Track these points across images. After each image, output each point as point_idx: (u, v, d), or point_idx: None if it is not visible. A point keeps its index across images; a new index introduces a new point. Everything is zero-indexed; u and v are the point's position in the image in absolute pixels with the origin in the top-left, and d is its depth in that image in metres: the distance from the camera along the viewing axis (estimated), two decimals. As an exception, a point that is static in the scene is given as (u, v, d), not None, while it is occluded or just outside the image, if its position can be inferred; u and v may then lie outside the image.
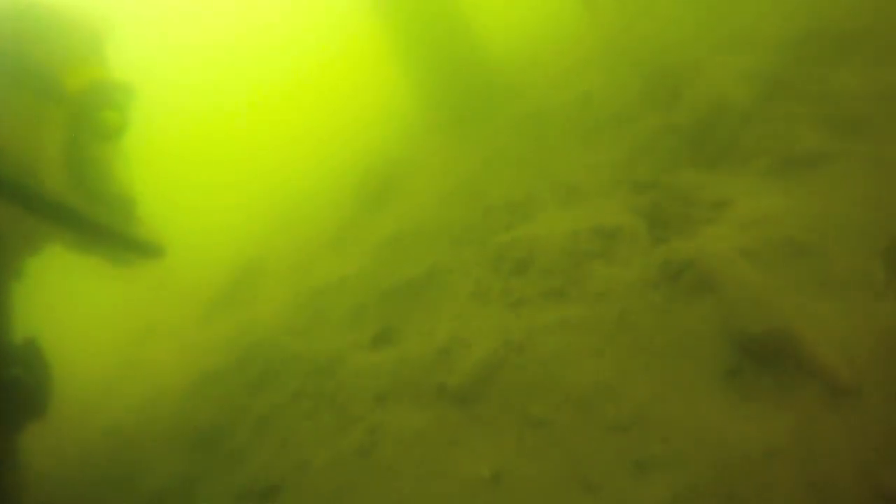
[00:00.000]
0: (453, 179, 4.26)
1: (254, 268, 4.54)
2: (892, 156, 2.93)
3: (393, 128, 5.59)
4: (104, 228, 3.02)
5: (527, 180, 3.88)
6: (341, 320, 3.84)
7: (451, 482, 2.23)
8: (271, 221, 5.20)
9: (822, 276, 2.49)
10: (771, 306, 2.40)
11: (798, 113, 3.39)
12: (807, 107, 3.42)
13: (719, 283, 2.59)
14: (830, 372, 2.02)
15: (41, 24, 3.11)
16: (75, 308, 6.08)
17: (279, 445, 3.00)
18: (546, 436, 2.25)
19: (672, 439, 2.03)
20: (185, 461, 3.43)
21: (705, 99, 3.59)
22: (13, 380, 2.81)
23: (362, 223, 4.39)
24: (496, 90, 4.80)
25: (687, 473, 1.89)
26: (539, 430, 2.28)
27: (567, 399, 2.35)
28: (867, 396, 1.92)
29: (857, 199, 2.78)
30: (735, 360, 2.22)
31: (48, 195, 2.67)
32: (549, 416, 2.33)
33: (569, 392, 2.37)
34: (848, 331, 2.20)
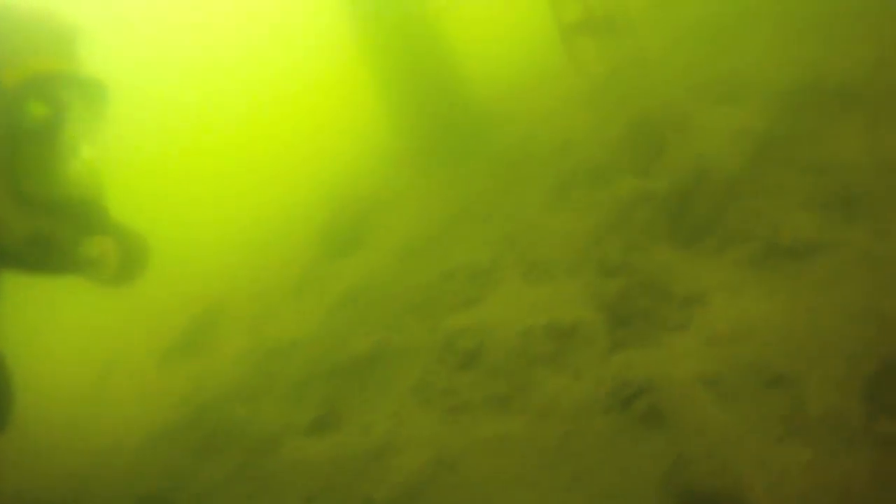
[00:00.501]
0: (421, 231, 3.95)
1: (214, 311, 4.31)
2: (889, 251, 2.53)
3: (368, 162, 5.27)
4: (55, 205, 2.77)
5: (493, 243, 3.55)
6: (287, 393, 3.62)
7: None
8: (237, 260, 4.96)
9: (792, 413, 2.13)
10: (725, 455, 2.07)
11: (789, 186, 2.97)
12: (799, 177, 3.00)
13: (673, 418, 2.25)
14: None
15: None
16: (45, 330, 5.93)
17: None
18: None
19: None
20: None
21: (689, 161, 3.18)
22: None
23: (324, 273, 4.12)
24: (475, 129, 4.43)
25: None
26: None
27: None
28: None
29: (845, 309, 2.39)
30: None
31: None
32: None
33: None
34: (807, 489, 1.86)
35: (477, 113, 4.51)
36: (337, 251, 4.21)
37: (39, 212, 2.83)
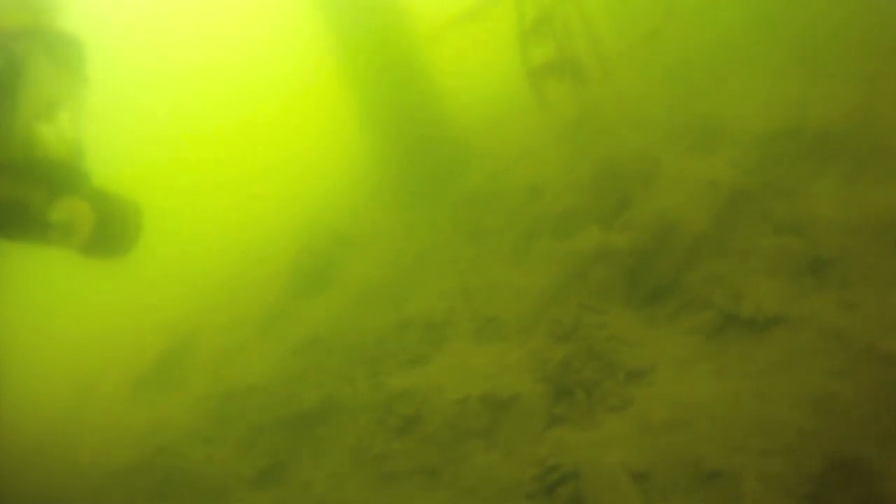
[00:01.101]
0: (385, 274, 3.82)
1: (181, 349, 4.24)
2: (853, 327, 2.32)
3: (340, 195, 5.16)
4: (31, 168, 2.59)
5: (451, 294, 3.41)
6: (240, 439, 3.56)
7: None
8: (207, 295, 4.88)
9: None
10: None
11: (758, 247, 2.76)
12: (769, 238, 2.79)
13: (593, 516, 2.08)
14: None
15: None
16: (29, 341, 5.91)
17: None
18: None
19: None
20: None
21: (653, 216, 2.99)
22: None
23: (289, 312, 4.03)
24: (447, 165, 4.28)
25: None
26: None
27: None
28: None
29: (796, 395, 2.19)
30: None
31: None
32: None
33: None
34: None
35: (451, 147, 4.37)
36: (303, 290, 4.10)
37: (6, 174, 2.66)
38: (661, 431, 2.22)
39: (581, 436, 2.32)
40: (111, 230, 3.02)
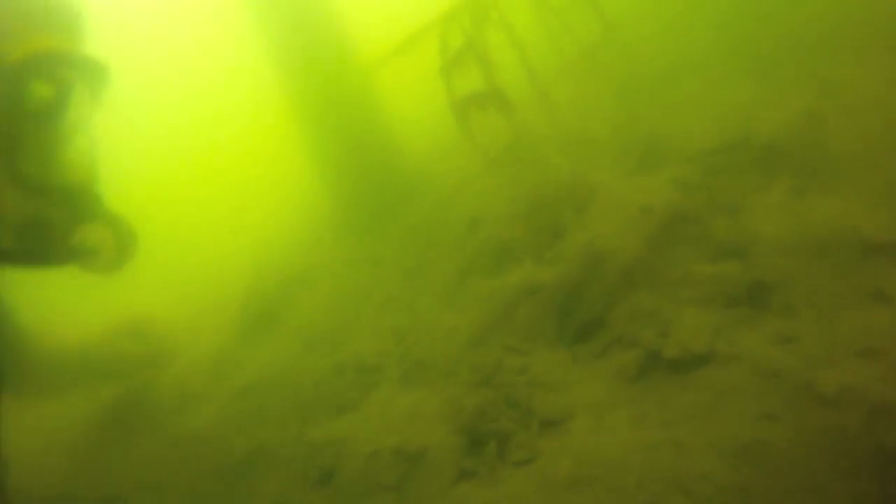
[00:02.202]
0: (327, 315, 3.67)
1: (133, 399, 4.13)
2: (788, 366, 2.07)
3: (287, 234, 5.04)
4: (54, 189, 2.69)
5: (386, 335, 3.23)
6: (181, 490, 3.39)
7: None
8: (161, 342, 4.78)
9: None
10: None
11: (693, 275, 2.53)
12: (706, 264, 2.55)
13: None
14: None
15: None
16: None
17: None
18: None
19: None
20: None
21: (584, 247, 2.78)
22: None
23: (235, 359, 3.89)
24: (396, 197, 4.13)
25: None
26: None
27: None
28: None
29: (717, 446, 1.95)
30: None
31: None
32: None
33: None
34: None
35: (398, 177, 4.21)
36: (252, 332, 3.97)
37: (36, 196, 2.73)
38: (564, 489, 1.99)
39: (485, 493, 2.11)
40: (123, 249, 3.26)
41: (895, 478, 1.59)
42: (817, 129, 2.93)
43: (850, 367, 1.95)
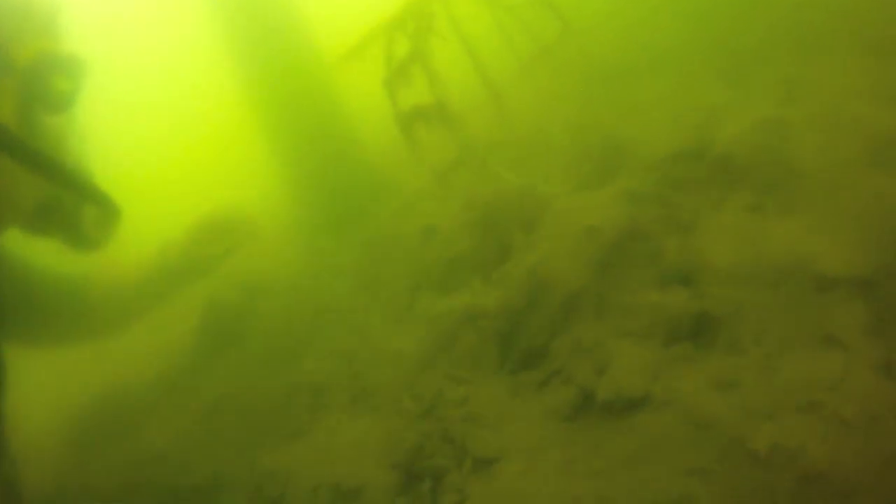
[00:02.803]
0: (285, 331, 3.61)
1: (97, 409, 4.09)
2: (724, 413, 1.97)
3: (249, 241, 4.94)
4: (65, 172, 2.93)
5: (339, 356, 3.17)
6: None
7: None
8: (123, 353, 4.72)
9: None
10: None
11: (635, 304, 2.41)
12: (650, 291, 2.44)
13: None
14: None
15: None
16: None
17: None
18: None
19: None
20: None
21: (530, 269, 2.67)
22: None
23: (196, 373, 3.85)
24: (357, 204, 4.01)
25: None
26: None
27: None
28: None
29: (640, 499, 1.87)
30: None
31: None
32: None
33: None
34: None
35: (360, 178, 4.09)
36: (212, 346, 3.91)
37: (50, 179, 2.94)
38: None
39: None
40: (108, 225, 3.51)
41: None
42: (781, 139, 2.77)
43: (788, 422, 1.84)
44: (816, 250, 2.29)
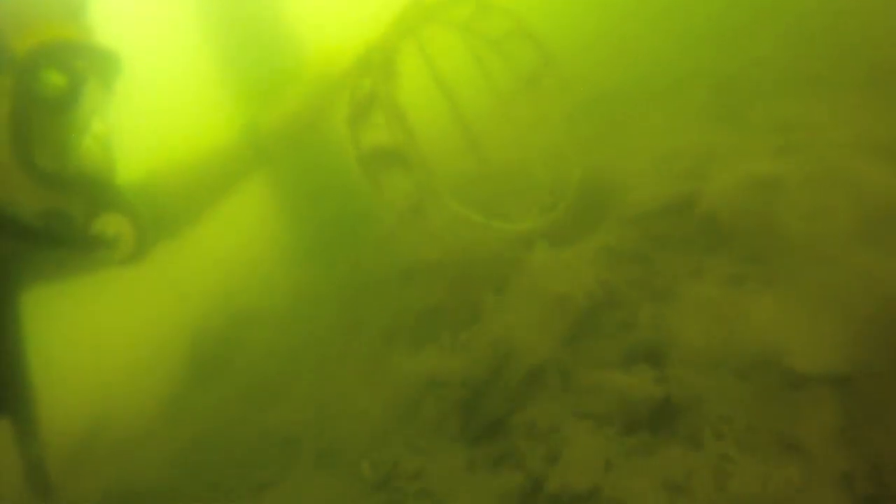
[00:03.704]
0: (268, 367, 3.59)
1: (87, 438, 4.13)
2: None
3: (242, 268, 4.88)
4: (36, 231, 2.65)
5: (311, 405, 3.14)
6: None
7: None
8: (115, 380, 4.73)
9: None
10: None
11: (598, 383, 2.30)
12: (614, 370, 2.32)
13: None
14: None
15: None
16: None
17: None
18: None
19: None
20: None
21: (497, 338, 2.57)
22: None
23: (182, 405, 3.85)
24: (345, 222, 3.94)
25: None
26: None
27: None
28: None
29: None
30: None
31: None
32: None
33: None
34: None
35: (348, 201, 3.98)
36: (200, 377, 3.92)
37: (52, 186, 2.72)
38: None
39: None
40: (144, 240, 3.16)
41: None
42: (771, 200, 2.60)
43: (732, 539, 1.74)
44: (792, 339, 2.14)
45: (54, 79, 2.63)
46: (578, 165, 3.13)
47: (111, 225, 3.08)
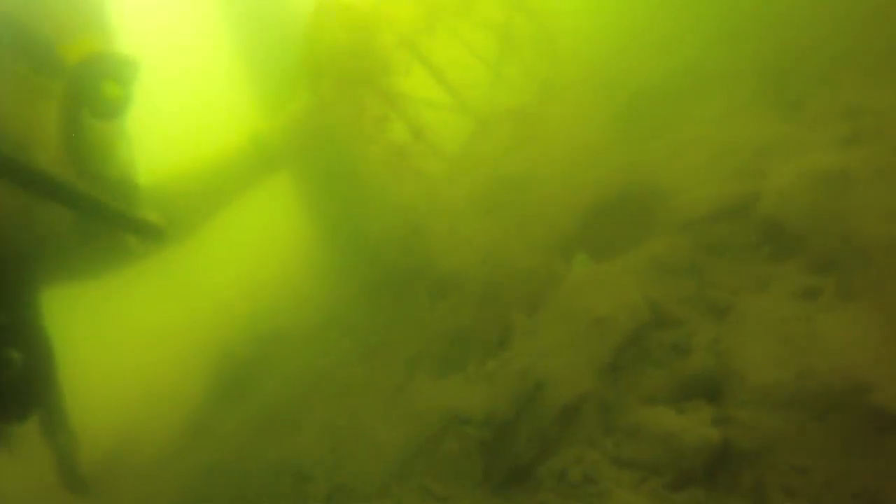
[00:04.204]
0: (286, 394, 3.38)
1: (116, 456, 4.00)
2: None
3: (269, 290, 4.66)
4: (103, 205, 2.74)
5: (325, 440, 2.90)
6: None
7: None
8: (142, 398, 4.58)
9: None
10: None
11: (642, 424, 1.94)
12: (665, 408, 1.96)
13: None
14: None
15: None
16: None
17: None
18: None
19: None
20: None
21: (525, 368, 2.26)
22: (3, 361, 2.59)
23: (203, 428, 3.68)
24: (370, 237, 3.71)
25: None
26: None
27: None
28: None
29: None
30: None
31: (46, 170, 2.48)
32: None
33: None
34: None
35: (386, 230, 3.74)
36: (221, 400, 3.73)
37: (98, 185, 2.85)
38: None
39: None
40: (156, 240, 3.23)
41: None
42: (841, 198, 2.20)
43: None
44: (879, 369, 1.75)
45: (112, 89, 2.80)
46: (626, 171, 2.78)
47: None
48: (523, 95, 2.88)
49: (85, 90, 2.72)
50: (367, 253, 3.70)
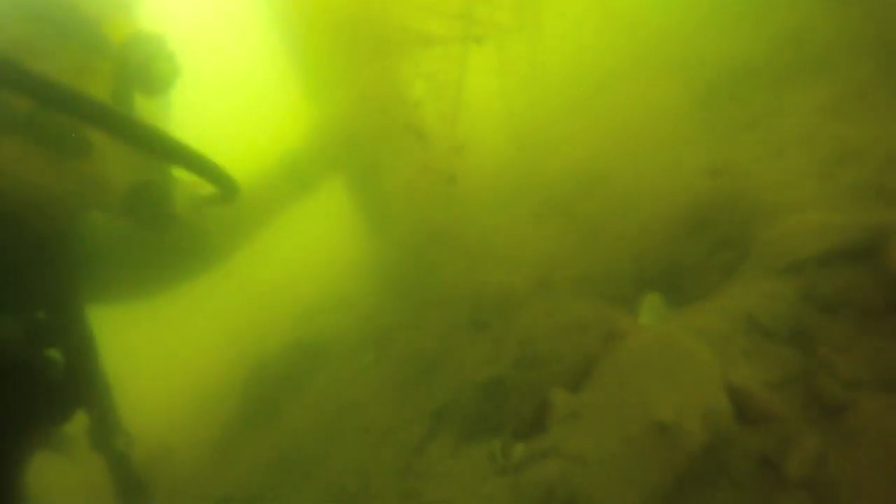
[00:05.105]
0: (316, 420, 3.00)
1: (151, 461, 3.84)
2: None
3: (306, 298, 4.23)
4: (183, 146, 2.68)
5: (337, 496, 2.54)
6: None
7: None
8: (167, 417, 4.34)
9: None
10: None
11: None
12: None
13: None
14: None
15: None
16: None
17: None
18: None
19: None
20: None
21: (556, 470, 1.75)
22: (45, 363, 2.44)
23: (238, 439, 3.41)
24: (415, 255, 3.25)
25: None
26: None
27: None
28: None
29: None
30: None
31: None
32: None
33: None
34: None
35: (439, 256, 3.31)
36: (253, 420, 3.41)
37: (150, 163, 2.84)
38: None
39: None
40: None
41: None
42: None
43: None
44: None
45: (164, 66, 2.82)
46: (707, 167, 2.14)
47: (184, 197, 3.12)
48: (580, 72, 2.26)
49: (135, 69, 2.74)
50: (412, 262, 3.27)
